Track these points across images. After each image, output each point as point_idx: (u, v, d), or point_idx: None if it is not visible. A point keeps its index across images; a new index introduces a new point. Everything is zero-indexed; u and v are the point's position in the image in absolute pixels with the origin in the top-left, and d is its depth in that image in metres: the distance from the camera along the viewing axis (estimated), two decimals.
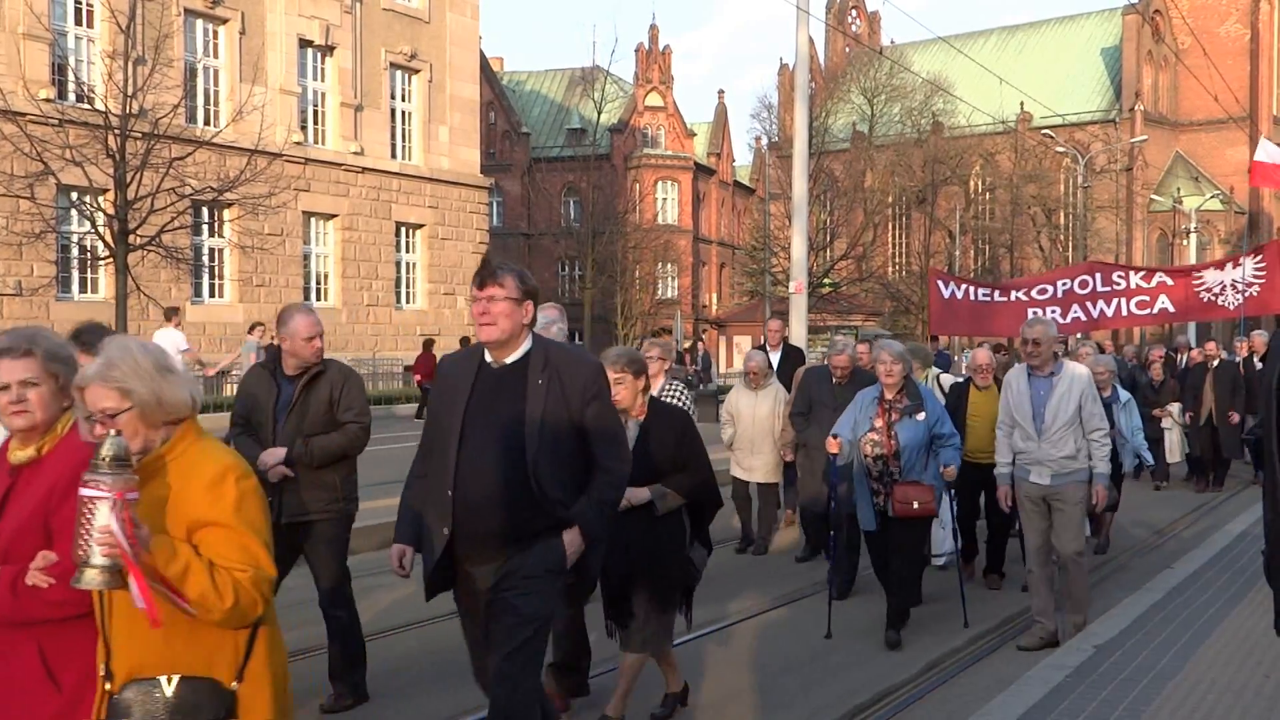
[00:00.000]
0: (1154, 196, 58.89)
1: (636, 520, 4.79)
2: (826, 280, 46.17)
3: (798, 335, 15.26)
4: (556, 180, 51.67)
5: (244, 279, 26.59)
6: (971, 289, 14.46)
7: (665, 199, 53.31)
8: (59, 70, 22.85)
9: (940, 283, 14.53)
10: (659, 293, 50.58)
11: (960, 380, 9.28)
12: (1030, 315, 14.00)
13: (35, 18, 22.01)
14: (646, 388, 5.03)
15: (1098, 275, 13.90)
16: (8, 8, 22.14)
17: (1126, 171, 58.81)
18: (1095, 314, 13.66)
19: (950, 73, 53.08)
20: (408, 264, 31.47)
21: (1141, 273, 14.17)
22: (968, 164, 56.63)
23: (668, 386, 7.29)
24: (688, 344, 30.68)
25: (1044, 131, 52.60)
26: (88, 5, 23.77)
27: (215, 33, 26.48)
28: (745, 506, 9.60)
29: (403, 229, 31.04)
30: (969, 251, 55.45)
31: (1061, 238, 54.63)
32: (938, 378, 9.11)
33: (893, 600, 6.70)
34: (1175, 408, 13.84)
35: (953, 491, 7.55)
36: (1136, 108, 59.52)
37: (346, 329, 28.71)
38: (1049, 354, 6.44)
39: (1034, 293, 13.97)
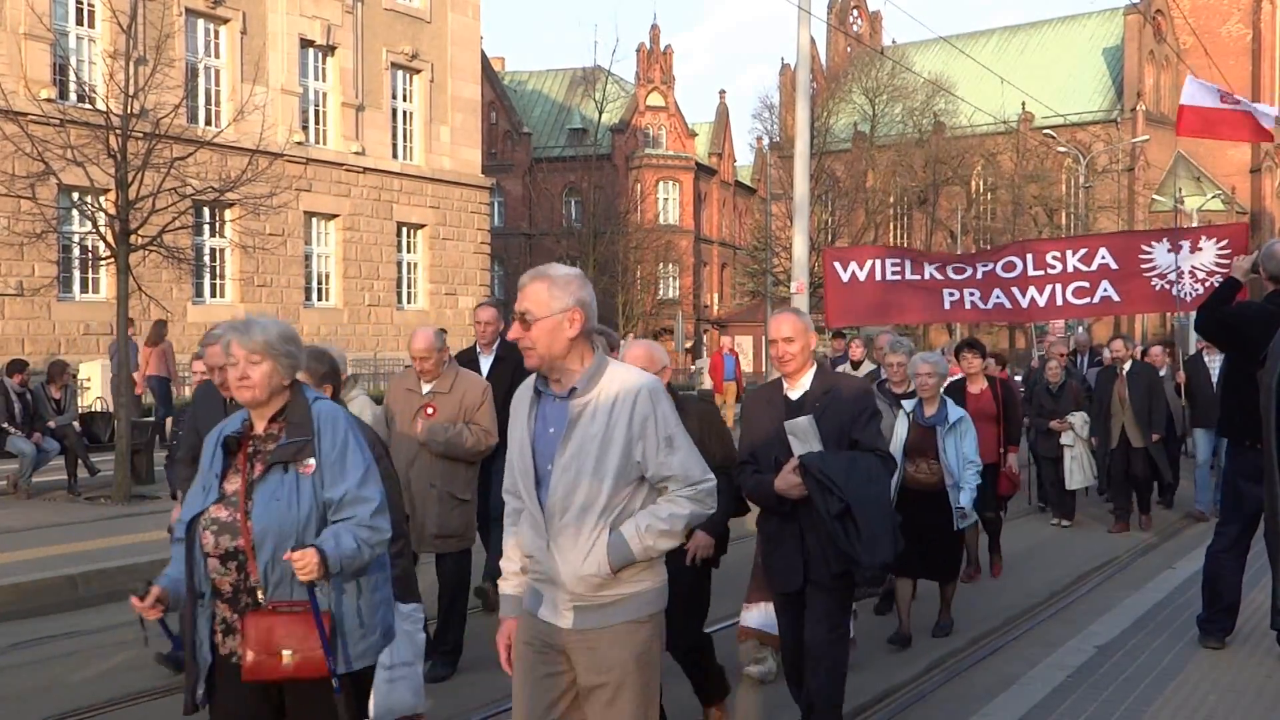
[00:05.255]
0: (1155, 196, 58.90)
1: None
2: None
3: None
4: (558, 180, 51.68)
5: (245, 279, 26.58)
6: (877, 265, 11.88)
7: (666, 199, 53.31)
8: (60, 70, 22.85)
9: (838, 264, 12.02)
10: (660, 293, 50.58)
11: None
12: (946, 298, 11.53)
13: (36, 17, 22.00)
14: None
15: (1028, 257, 11.52)
16: (9, 8, 22.15)
17: (1128, 171, 58.84)
18: (1024, 303, 11.43)
19: (952, 73, 53.11)
20: (409, 264, 31.47)
21: (1081, 253, 11.53)
22: (969, 164, 56.70)
23: None
24: (689, 344, 30.59)
25: (1045, 131, 52.64)
26: (89, 5, 23.78)
27: (216, 33, 26.48)
28: None
29: (404, 229, 31.04)
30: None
31: (1063, 238, 54.66)
32: None
33: None
34: (1078, 418, 10.88)
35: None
36: (1138, 108, 59.55)
37: (348, 329, 28.72)
38: (546, 347, 3.12)
39: (950, 271, 11.76)
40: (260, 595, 3.20)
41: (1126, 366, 11.01)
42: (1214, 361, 10.93)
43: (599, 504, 3.08)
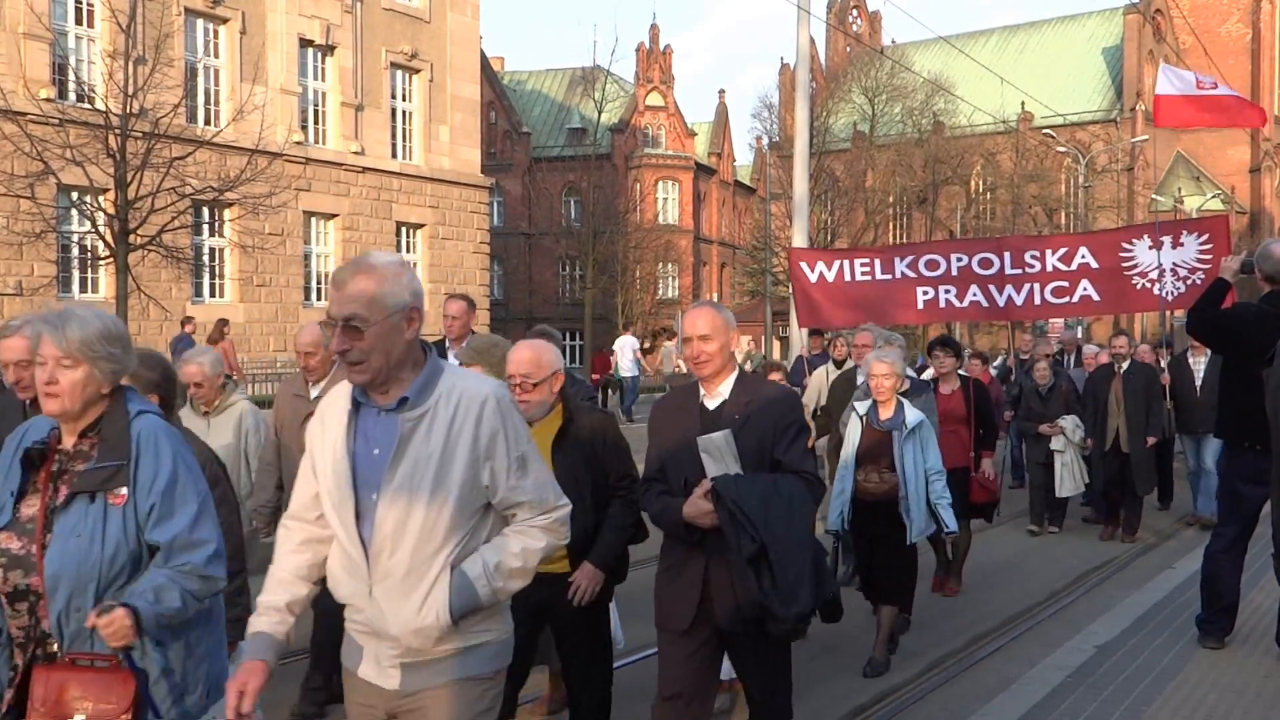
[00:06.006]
0: (1155, 196, 58.87)
1: None
2: None
3: (797, 336, 15.22)
4: (557, 180, 51.64)
5: (244, 279, 26.57)
6: (846, 265, 11.47)
7: (666, 199, 53.28)
8: (59, 70, 22.84)
9: (804, 264, 11.58)
10: (660, 292, 50.55)
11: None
12: (920, 297, 11.11)
13: (36, 17, 21.99)
14: None
15: (1006, 255, 11.07)
16: (8, 7, 22.13)
17: (1128, 171, 58.81)
18: (1001, 301, 11.02)
19: (951, 72, 53.09)
20: (408, 264, 31.48)
21: (1061, 252, 11.07)
22: (969, 164, 56.65)
23: None
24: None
25: (1045, 131, 52.62)
26: (88, 5, 23.76)
27: (216, 32, 26.46)
28: None
29: (403, 229, 31.03)
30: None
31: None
32: None
33: None
34: (1069, 421, 10.37)
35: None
36: (1138, 107, 59.48)
37: None
38: (384, 357, 2.60)
39: (922, 266, 11.23)
40: (54, 646, 2.66)
41: (1124, 365, 10.37)
42: (1199, 364, 10.54)
43: (437, 538, 2.56)
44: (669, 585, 3.83)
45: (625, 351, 23.56)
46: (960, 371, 8.43)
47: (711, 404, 3.80)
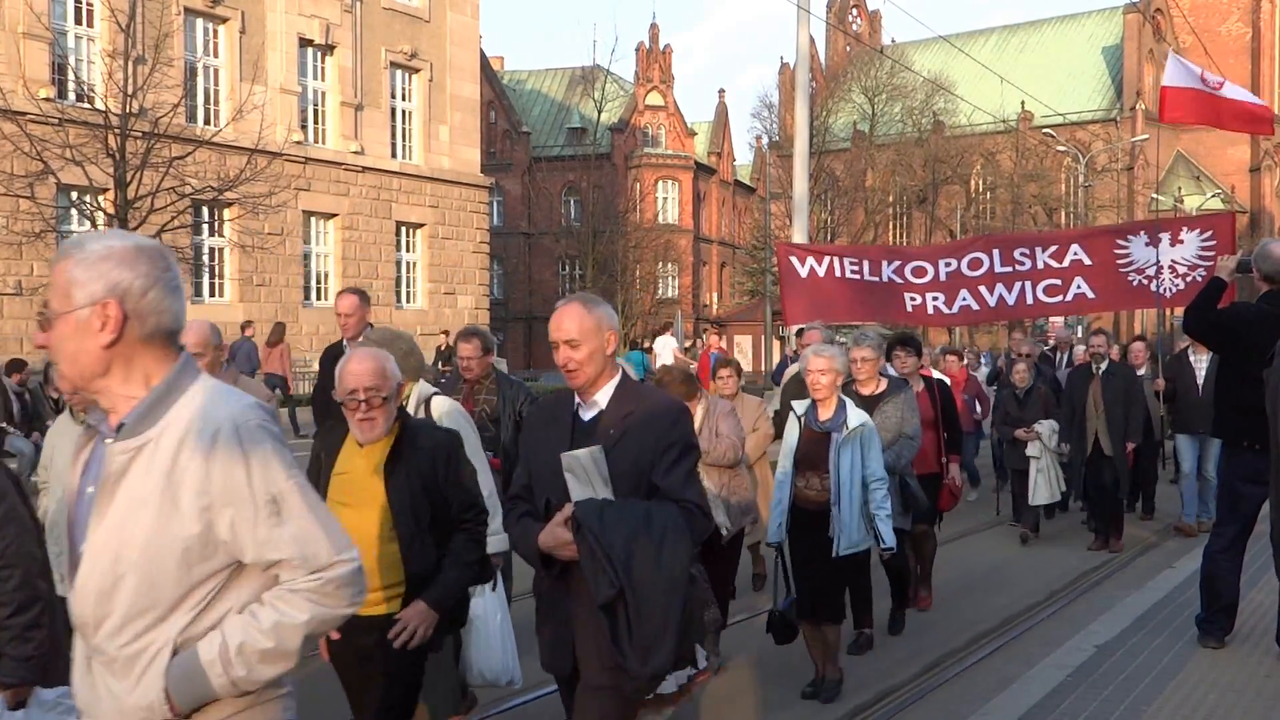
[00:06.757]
0: (1155, 195, 58.86)
1: None
2: None
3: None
4: (557, 180, 51.63)
5: (244, 278, 26.56)
6: (837, 262, 11.02)
7: (666, 198, 53.27)
8: (59, 69, 22.83)
9: (794, 259, 11.13)
10: (660, 292, 50.53)
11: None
12: (908, 302, 10.74)
13: (35, 17, 21.98)
14: None
15: (995, 253, 10.72)
16: (8, 7, 22.11)
17: (1127, 170, 58.81)
18: (992, 302, 10.59)
19: (951, 72, 53.11)
20: (408, 263, 31.46)
21: (1052, 248, 10.68)
22: (969, 163, 56.70)
23: None
24: (689, 344, 30.43)
25: (1045, 131, 52.63)
26: (88, 4, 23.74)
27: (215, 32, 26.46)
28: None
29: (403, 228, 31.02)
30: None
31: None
32: (428, 402, 4.78)
33: None
34: (1045, 427, 10.01)
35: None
36: (1137, 106, 59.50)
37: None
38: (70, 360, 2.06)
39: (909, 273, 10.88)
40: None
41: (1103, 366, 9.86)
42: (1200, 361, 9.97)
43: (158, 608, 1.97)
44: (544, 623, 3.34)
45: (665, 352, 23.39)
46: (938, 374, 8.20)
47: (586, 414, 3.27)
